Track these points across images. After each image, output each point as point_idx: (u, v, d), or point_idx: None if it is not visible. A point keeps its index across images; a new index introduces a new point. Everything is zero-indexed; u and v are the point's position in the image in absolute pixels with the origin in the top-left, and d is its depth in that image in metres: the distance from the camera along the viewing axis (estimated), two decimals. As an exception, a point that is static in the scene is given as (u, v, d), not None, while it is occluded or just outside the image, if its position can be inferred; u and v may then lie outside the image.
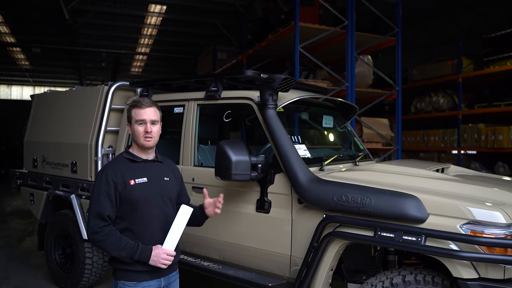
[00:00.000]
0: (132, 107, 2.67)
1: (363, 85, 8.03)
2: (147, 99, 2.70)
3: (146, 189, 2.58)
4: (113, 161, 2.73)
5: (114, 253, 2.47)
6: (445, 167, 3.84)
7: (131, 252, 2.45)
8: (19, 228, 7.99)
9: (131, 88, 4.73)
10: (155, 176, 2.65)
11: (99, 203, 2.49)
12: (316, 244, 3.01)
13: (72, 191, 4.71)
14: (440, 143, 10.03)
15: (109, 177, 2.51)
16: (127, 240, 2.47)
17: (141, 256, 2.47)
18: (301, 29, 7.08)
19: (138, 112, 2.63)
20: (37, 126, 5.47)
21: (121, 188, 2.51)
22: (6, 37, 14.64)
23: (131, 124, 2.66)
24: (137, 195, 2.54)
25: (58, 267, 4.96)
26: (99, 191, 2.51)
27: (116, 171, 2.55)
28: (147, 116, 2.62)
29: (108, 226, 2.46)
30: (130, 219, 2.55)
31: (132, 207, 2.54)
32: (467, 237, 2.53)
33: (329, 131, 4.55)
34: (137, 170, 2.61)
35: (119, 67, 17.91)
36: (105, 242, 2.45)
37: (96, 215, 2.47)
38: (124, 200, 2.53)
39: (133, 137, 2.66)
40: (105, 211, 2.46)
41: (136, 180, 2.56)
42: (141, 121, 2.61)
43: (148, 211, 2.57)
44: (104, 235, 2.44)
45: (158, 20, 13.07)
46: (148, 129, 2.60)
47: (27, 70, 20.44)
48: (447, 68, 9.74)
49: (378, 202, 2.81)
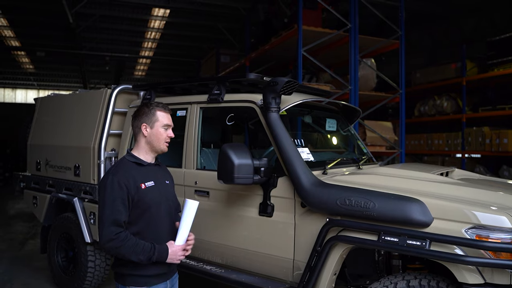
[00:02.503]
0: (158, 109, 2.61)
1: (366, 89, 8.01)
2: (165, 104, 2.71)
3: (155, 192, 2.57)
4: (120, 165, 2.61)
5: (133, 258, 2.41)
6: (449, 171, 3.81)
7: (149, 254, 2.42)
8: (22, 231, 7.99)
9: (134, 92, 4.73)
10: (159, 179, 2.65)
11: (114, 209, 2.41)
12: (319, 248, 2.99)
13: (75, 194, 4.70)
14: (444, 147, 9.98)
15: (122, 182, 2.45)
16: (143, 243, 2.44)
17: (158, 257, 2.45)
18: (304, 33, 7.08)
19: (166, 116, 2.61)
20: (41, 129, 5.48)
21: (134, 192, 2.47)
22: (11, 41, 14.71)
23: (152, 126, 2.58)
24: (149, 199, 2.52)
25: (61, 270, 4.95)
26: (113, 196, 2.43)
27: (127, 175, 2.49)
28: (171, 122, 2.64)
29: (123, 232, 2.41)
30: (141, 223, 2.52)
31: (143, 211, 2.51)
32: (472, 242, 2.49)
33: (333, 135, 4.53)
34: (145, 174, 2.57)
35: (123, 70, 17.95)
36: (122, 248, 2.39)
37: (111, 222, 2.39)
38: (136, 204, 2.49)
39: (152, 139, 2.58)
40: (119, 217, 2.41)
41: (146, 184, 2.54)
42: (167, 126, 2.61)
43: (158, 214, 2.56)
44: (121, 241, 2.38)
45: (162, 24, 13.10)
46: (172, 134, 2.63)
47: (32, 74, 20.53)
48: (451, 71, 9.71)
49: (382, 206, 2.78)
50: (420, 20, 11.15)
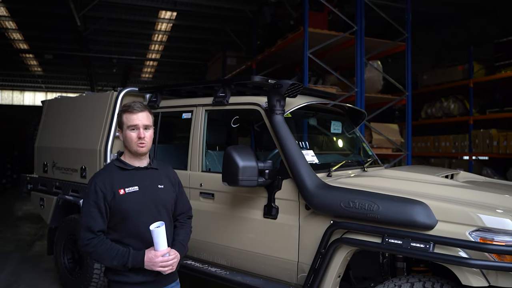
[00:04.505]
0: (123, 112, 2.53)
1: (372, 91, 8.00)
2: (139, 103, 2.55)
3: (137, 199, 2.46)
4: (102, 169, 2.60)
5: (107, 263, 2.38)
6: (454, 173, 3.80)
7: (122, 259, 2.34)
8: (29, 232, 8.05)
9: (140, 94, 4.76)
10: (147, 184, 2.52)
11: (88, 215, 2.39)
12: (323, 250, 2.99)
13: (81, 196, 4.73)
14: (451, 149, 9.93)
15: (98, 187, 2.41)
16: (118, 248, 2.37)
17: (134, 262, 2.35)
18: (310, 35, 7.08)
19: (130, 118, 2.49)
20: (48, 131, 5.52)
21: (110, 198, 2.40)
22: (19, 43, 14.86)
23: (122, 130, 2.53)
24: (127, 205, 2.42)
25: (67, 272, 4.98)
26: (88, 202, 2.42)
27: (105, 180, 2.44)
28: (140, 121, 2.49)
29: (96, 238, 2.36)
30: (121, 230, 2.44)
31: (122, 218, 2.43)
32: (477, 245, 2.48)
33: (338, 137, 4.53)
34: (127, 179, 2.49)
35: (130, 73, 18.05)
36: (95, 253, 2.36)
37: (85, 228, 2.38)
38: (114, 211, 2.42)
39: (125, 143, 2.53)
40: (93, 224, 2.37)
41: (126, 189, 2.44)
42: (133, 127, 2.48)
43: (139, 222, 2.44)
44: (93, 246, 2.35)
45: (169, 26, 13.17)
46: (141, 134, 2.48)
47: (40, 76, 20.71)
48: (458, 73, 9.66)
49: (386, 208, 2.78)
50: (427, 22, 11.11)
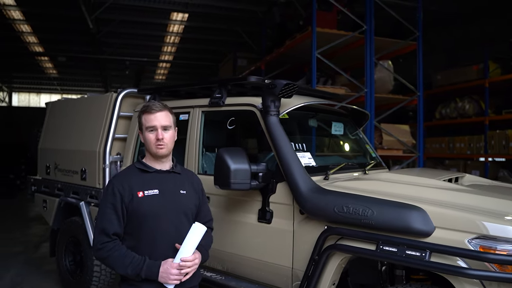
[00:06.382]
0: (142, 113, 2.45)
1: (383, 91, 7.83)
2: (158, 103, 2.47)
3: (156, 202, 2.36)
4: (123, 171, 2.54)
5: (120, 271, 2.26)
6: (459, 176, 3.64)
7: (136, 268, 2.23)
8: (38, 233, 8.10)
9: (140, 95, 4.71)
10: (168, 188, 2.43)
11: (104, 218, 2.31)
12: (316, 257, 2.87)
13: (82, 198, 4.71)
14: (466, 150, 9.67)
15: (116, 189, 2.33)
16: (134, 255, 2.27)
17: (148, 273, 2.24)
18: (318, 35, 6.97)
19: (148, 118, 2.41)
20: (50, 133, 5.52)
21: (128, 200, 2.32)
22: (35, 47, 15.07)
23: (142, 131, 2.46)
24: (145, 209, 2.33)
25: (69, 274, 4.96)
26: (105, 204, 2.34)
27: (123, 182, 2.37)
28: (158, 122, 2.40)
29: (111, 242, 2.28)
30: (138, 236, 2.33)
31: (139, 222, 2.33)
32: (475, 253, 2.34)
33: (340, 139, 4.40)
34: (147, 181, 2.40)
35: (143, 74, 18.15)
36: (108, 259, 2.27)
37: (100, 231, 2.30)
38: (131, 214, 2.33)
39: (145, 145, 2.45)
40: (109, 226, 2.28)
41: (146, 192, 2.35)
42: (152, 128, 2.40)
43: (157, 227, 2.34)
44: (107, 251, 2.26)
45: (181, 28, 13.19)
46: (159, 135, 2.39)
47: (55, 79, 21.03)
48: (473, 72, 9.40)
49: (381, 213, 2.65)
50: (440, 21, 10.86)
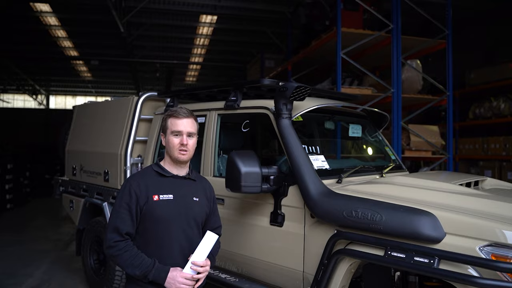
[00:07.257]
0: (169, 117, 2.48)
1: (411, 91, 7.63)
2: (185, 109, 2.49)
3: (170, 207, 2.39)
4: (140, 172, 2.57)
5: (128, 271, 2.29)
6: (480, 180, 3.50)
7: (145, 270, 2.26)
8: (69, 232, 8.35)
9: (161, 99, 4.79)
10: (182, 194, 2.46)
11: (118, 216, 2.34)
12: (326, 261, 2.84)
13: (105, 199, 4.83)
14: (502, 151, 9.30)
15: (132, 189, 2.36)
16: (144, 257, 2.30)
17: (155, 277, 2.27)
18: (343, 35, 6.86)
19: (175, 123, 2.44)
20: (77, 135, 5.70)
21: (143, 202, 2.35)
22: (70, 51, 15.57)
23: (165, 134, 2.47)
24: (159, 213, 2.36)
25: (93, 272, 5.10)
26: (120, 203, 2.36)
27: (140, 183, 2.39)
28: (184, 128, 2.43)
29: (123, 241, 2.31)
30: (148, 239, 2.37)
31: (150, 225, 2.36)
32: (486, 262, 2.25)
33: (358, 141, 4.33)
34: (164, 186, 2.42)
35: (173, 76, 18.42)
36: (119, 258, 2.29)
37: (112, 229, 2.32)
38: (144, 216, 2.36)
39: (167, 149, 2.47)
40: (122, 226, 2.31)
41: (161, 196, 2.38)
42: (177, 133, 2.43)
43: (168, 232, 2.38)
44: (119, 250, 2.28)
45: (210, 30, 13.30)
46: (184, 141, 2.42)
47: (90, 82, 21.65)
48: (509, 70, 9.05)
49: (390, 218, 2.59)
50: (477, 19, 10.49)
